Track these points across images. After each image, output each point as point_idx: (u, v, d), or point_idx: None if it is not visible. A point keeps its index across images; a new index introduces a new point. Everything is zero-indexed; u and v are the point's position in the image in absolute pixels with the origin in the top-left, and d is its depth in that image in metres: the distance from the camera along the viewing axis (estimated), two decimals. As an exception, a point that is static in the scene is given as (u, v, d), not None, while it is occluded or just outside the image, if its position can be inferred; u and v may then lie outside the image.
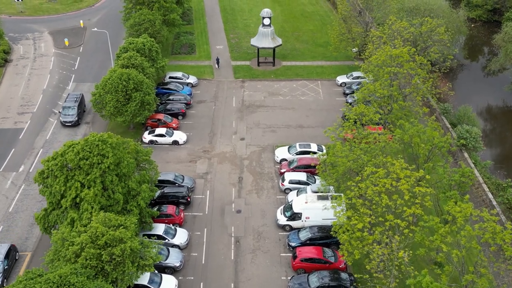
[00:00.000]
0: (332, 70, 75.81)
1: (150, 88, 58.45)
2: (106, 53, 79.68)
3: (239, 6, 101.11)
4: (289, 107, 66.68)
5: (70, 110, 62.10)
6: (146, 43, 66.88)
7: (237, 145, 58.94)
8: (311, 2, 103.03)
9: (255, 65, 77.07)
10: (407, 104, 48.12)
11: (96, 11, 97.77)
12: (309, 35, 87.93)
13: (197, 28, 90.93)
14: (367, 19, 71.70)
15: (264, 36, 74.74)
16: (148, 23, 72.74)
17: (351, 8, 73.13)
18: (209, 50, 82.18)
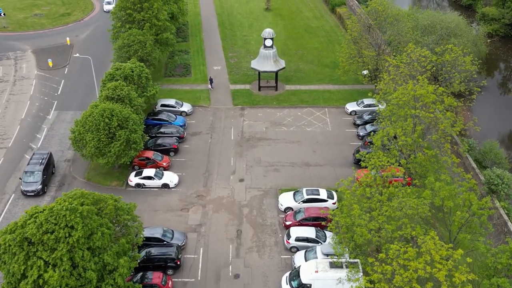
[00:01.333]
0: (341, 95, 69.01)
1: (137, 124, 51.65)
2: (95, 74, 72.95)
3: (239, 20, 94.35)
4: (294, 140, 59.87)
5: (33, 176, 50.53)
6: (135, 68, 60.18)
7: (236, 188, 52.10)
8: (316, 16, 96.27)
9: (256, 90, 70.30)
10: (434, 153, 41.44)
11: (84, 26, 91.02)
12: (314, 54, 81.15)
13: (193, 45, 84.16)
14: (379, 41, 64.92)
15: (266, 59, 67.97)
16: (138, 44, 65.92)
17: (361, 28, 66.19)
18: (206, 72, 75.33)
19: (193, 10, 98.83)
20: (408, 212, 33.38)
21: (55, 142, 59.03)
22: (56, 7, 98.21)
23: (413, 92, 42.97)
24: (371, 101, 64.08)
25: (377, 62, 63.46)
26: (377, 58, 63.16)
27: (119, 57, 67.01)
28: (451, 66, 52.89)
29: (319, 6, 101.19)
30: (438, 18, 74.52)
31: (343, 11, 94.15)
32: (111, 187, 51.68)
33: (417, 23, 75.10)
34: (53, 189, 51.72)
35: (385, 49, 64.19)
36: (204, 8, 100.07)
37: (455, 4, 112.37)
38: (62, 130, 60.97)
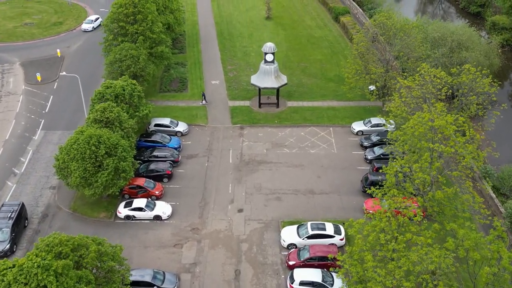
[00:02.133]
0: (346, 112, 64.87)
1: (127, 151, 47.55)
2: (86, 90, 68.90)
3: (238, 30, 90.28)
4: (297, 163, 55.77)
5: (0, 234, 43.89)
6: (127, 87, 56.13)
7: (234, 219, 47.99)
8: (319, 26, 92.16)
9: (256, 106, 66.20)
10: (454, 190, 37.35)
11: (76, 36, 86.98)
12: (317, 67, 77.06)
13: (190, 57, 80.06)
14: (388, 56, 60.73)
15: (267, 75, 63.88)
16: (130, 59, 61.88)
17: (368, 43, 61.92)
18: (203, 87, 71.21)
19: (190, 19, 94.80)
20: (430, 268, 29.35)
21: (40, 166, 54.92)
22: (48, 16, 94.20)
23: (431, 123, 38.88)
24: (378, 121, 60.04)
25: (385, 79, 59.34)
26: (386, 75, 59.04)
27: (111, 72, 63.00)
28: (468, 88, 48.73)
29: (322, 14, 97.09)
30: (448, 30, 70.49)
31: (347, 20, 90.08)
32: (98, 219, 47.58)
33: (426, 35, 71.09)
34: (36, 221, 47.62)
35: (394, 65, 60.02)
36: (202, 17, 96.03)
37: (463, 12, 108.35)
38: (49, 152, 56.88)
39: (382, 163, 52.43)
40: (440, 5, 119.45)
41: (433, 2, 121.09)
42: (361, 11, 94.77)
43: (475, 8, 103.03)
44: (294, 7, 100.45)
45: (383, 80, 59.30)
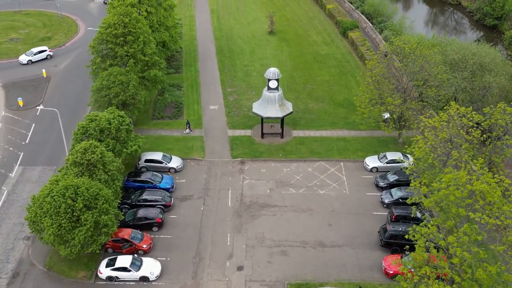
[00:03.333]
0: (358, 144, 58.55)
1: (110, 202, 41.31)
2: (71, 118, 62.91)
3: (239, 46, 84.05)
4: (304, 207, 49.49)
5: None
6: (113, 120, 50.00)
7: (233, 280, 41.65)
8: (325, 41, 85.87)
9: (258, 136, 59.97)
10: (498, 269, 31.05)
11: (65, 53, 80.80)
12: (325, 89, 70.78)
13: (187, 78, 73.83)
14: (405, 85, 54.24)
15: (270, 103, 57.66)
16: (119, 86, 55.74)
17: (385, 69, 55.30)
18: (201, 113, 65.00)
19: (188, 34, 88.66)
20: None
21: (14, 211, 48.64)
22: (36, 30, 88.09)
23: (470, 187, 32.65)
24: (395, 156, 53.79)
25: (402, 111, 52.99)
26: (403, 106, 52.68)
27: (97, 100, 56.87)
28: (503, 131, 42.43)
29: (328, 28, 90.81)
30: (469, 51, 64.09)
31: (356, 36, 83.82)
32: (76, 279, 41.32)
33: (445, 56, 64.78)
34: (4, 281, 41.38)
35: (412, 94, 53.73)
36: (201, 31, 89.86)
37: (478, 24, 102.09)
38: (25, 193, 50.70)
39: (401, 209, 46.27)
40: (452, 16, 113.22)
41: (444, 12, 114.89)
42: (371, 25, 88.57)
43: (491, 21, 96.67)
44: (299, 20, 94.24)
45: (400, 111, 52.97)
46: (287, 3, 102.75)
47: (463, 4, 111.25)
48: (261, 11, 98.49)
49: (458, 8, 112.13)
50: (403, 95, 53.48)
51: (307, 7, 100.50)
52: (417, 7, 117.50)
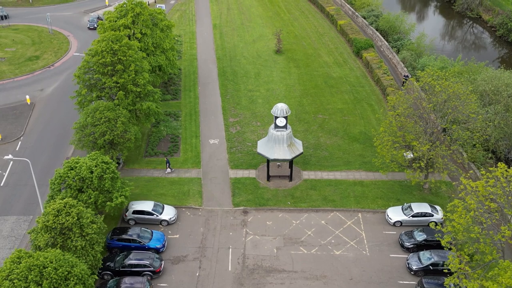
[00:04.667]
0: (377, 190, 51.25)
1: (85, 280, 34.30)
2: (55, 154, 56.21)
3: (243, 67, 76.98)
4: (318, 273, 42.25)
5: None
6: (95, 168, 43.09)
7: None
8: (337, 62, 78.67)
9: (264, 179, 52.89)
10: None
11: (54, 74, 74.04)
12: (338, 120, 63.60)
13: (185, 105, 66.83)
14: (434, 127, 46.71)
15: (277, 143, 50.58)
16: (106, 124, 48.90)
17: (410, 109, 47.56)
18: (199, 149, 58.03)
19: (188, 52, 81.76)
20: None
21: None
22: (24, 48, 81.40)
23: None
24: (422, 208, 46.58)
25: (430, 157, 45.63)
26: (432, 152, 45.32)
27: (81, 139, 49.99)
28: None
29: (340, 47, 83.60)
30: (503, 82, 56.82)
31: (371, 57, 76.59)
32: None
33: (475, 86, 57.50)
34: None
35: (442, 139, 46.36)
36: (202, 49, 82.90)
37: (501, 40, 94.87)
38: (-6, 252, 44.01)
39: (433, 282, 39.07)
40: (471, 30, 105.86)
41: (463, 26, 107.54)
42: (386, 44, 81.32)
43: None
44: (308, 37, 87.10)
45: (428, 157, 45.64)
46: (295, 17, 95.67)
47: (484, 17, 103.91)
48: (267, 26, 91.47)
49: (478, 21, 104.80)
50: (430, 138, 46.16)
51: (316, 22, 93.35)
52: (432, 19, 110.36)
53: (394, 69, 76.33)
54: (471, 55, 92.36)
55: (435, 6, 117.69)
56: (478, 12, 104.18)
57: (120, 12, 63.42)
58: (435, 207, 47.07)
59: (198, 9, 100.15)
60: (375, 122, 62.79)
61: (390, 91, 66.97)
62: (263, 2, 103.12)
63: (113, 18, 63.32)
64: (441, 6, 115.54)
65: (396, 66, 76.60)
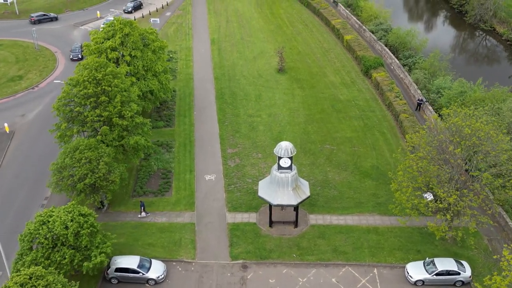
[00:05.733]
0: (394, 239, 45.20)
1: None
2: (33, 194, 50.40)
3: (243, 88, 71.08)
4: None
5: None
6: (72, 223, 37.23)
7: None
8: (345, 82, 72.78)
9: (266, 224, 46.94)
10: None
11: (38, 97, 68.19)
12: (347, 151, 57.69)
13: (179, 134, 60.88)
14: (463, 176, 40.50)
15: (281, 186, 44.67)
16: (86, 166, 43.12)
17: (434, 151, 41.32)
18: (193, 187, 52.11)
19: (184, 71, 75.90)
20: None
21: None
22: (6, 67, 75.51)
23: None
24: (447, 264, 40.65)
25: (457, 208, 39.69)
26: (460, 203, 39.39)
27: (58, 184, 44.16)
28: None
29: (347, 65, 77.70)
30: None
31: (381, 77, 70.69)
32: None
33: (501, 117, 51.56)
34: None
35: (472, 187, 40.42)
36: (198, 68, 77.01)
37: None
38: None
39: None
40: (484, 42, 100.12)
41: (474, 38, 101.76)
42: (397, 62, 75.42)
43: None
44: (312, 54, 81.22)
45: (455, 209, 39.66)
46: (298, 31, 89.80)
47: (498, 30, 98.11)
48: (269, 41, 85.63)
49: (492, 34, 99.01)
50: (457, 186, 40.18)
51: (321, 37, 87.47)
52: (442, 30, 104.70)
53: (406, 90, 70.46)
54: (484, 70, 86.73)
55: (445, 16, 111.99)
56: (491, 24, 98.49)
57: (108, 33, 57.70)
58: (462, 263, 41.18)
59: (195, 21, 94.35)
60: (388, 154, 56.95)
61: (404, 118, 61.11)
62: (264, 14, 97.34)
63: (100, 39, 57.61)
64: (451, 17, 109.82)
65: (408, 87, 70.73)
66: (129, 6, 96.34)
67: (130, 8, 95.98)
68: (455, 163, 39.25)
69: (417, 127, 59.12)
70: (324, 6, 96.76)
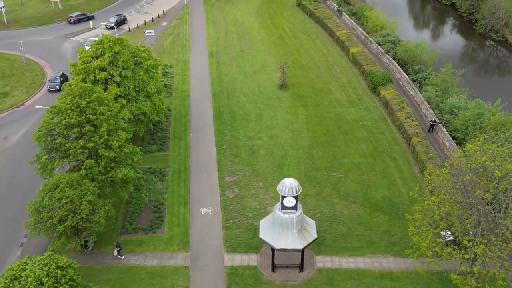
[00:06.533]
0: (410, 286, 40.43)
1: None
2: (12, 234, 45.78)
3: (242, 106, 66.51)
4: None
5: None
6: (47, 280, 32.66)
7: None
8: (351, 99, 68.21)
9: (268, 267, 42.35)
10: None
11: (23, 116, 63.62)
12: (356, 179, 53.10)
13: (174, 159, 56.35)
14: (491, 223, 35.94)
15: (285, 228, 40.01)
16: (66, 207, 38.55)
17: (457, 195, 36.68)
18: (188, 222, 47.46)
19: (180, 88, 71.33)
20: None
21: None
22: (-9, 83, 71.29)
23: None
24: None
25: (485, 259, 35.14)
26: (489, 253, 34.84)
27: (36, 226, 39.58)
28: None
29: (354, 81, 73.12)
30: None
31: (390, 95, 66.17)
32: None
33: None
34: None
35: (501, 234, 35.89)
36: (196, 83, 72.39)
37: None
38: None
39: None
40: (495, 53, 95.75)
41: (485, 48, 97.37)
42: (406, 77, 70.83)
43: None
44: (316, 68, 76.65)
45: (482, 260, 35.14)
46: (301, 42, 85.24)
47: (510, 40, 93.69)
48: (270, 54, 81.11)
49: (504, 45, 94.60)
50: (484, 233, 35.59)
51: (325, 49, 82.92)
52: (450, 39, 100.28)
53: (417, 109, 65.90)
54: (498, 83, 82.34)
55: (453, 24, 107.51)
56: (503, 34, 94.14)
57: (96, 51, 53.17)
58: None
59: (193, 32, 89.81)
60: (400, 183, 52.40)
61: (417, 142, 56.54)
62: (265, 24, 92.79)
63: (88, 58, 53.10)
64: (460, 26, 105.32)
65: (419, 106, 66.17)
66: (112, 21, 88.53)
67: (113, 23, 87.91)
68: (483, 209, 34.65)
69: (431, 153, 54.70)
70: (328, 15, 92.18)
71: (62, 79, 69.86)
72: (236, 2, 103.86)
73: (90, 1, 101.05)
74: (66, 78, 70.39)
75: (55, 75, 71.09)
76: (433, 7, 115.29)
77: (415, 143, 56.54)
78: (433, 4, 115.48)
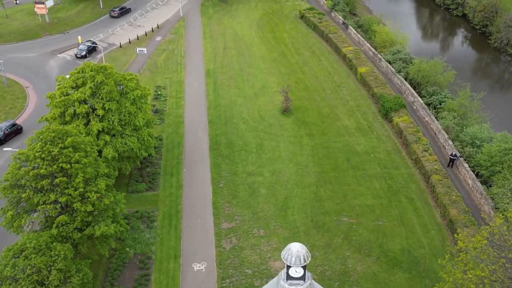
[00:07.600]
0: None
1: None
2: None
3: (242, 135, 60.37)
4: None
5: None
6: None
7: None
8: (361, 127, 62.07)
9: None
10: None
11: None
12: (369, 226, 46.96)
13: (164, 200, 50.19)
14: None
15: (291, 302, 34.12)
16: (32, 278, 32.45)
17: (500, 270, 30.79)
18: (178, 281, 41.05)
19: (174, 113, 65.19)
20: None
21: None
22: (-33, 108, 65.16)
23: None
24: None
25: None
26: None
27: (-4, 300, 33.59)
28: None
29: (363, 104, 67.00)
30: None
31: (404, 123, 60.07)
32: None
33: None
34: None
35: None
36: (190, 107, 66.25)
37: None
38: None
39: None
40: (510, 68, 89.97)
41: (499, 62, 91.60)
42: (421, 101, 64.77)
43: None
44: (321, 90, 70.51)
45: None
46: (304, 60, 79.12)
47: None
48: (272, 73, 75.00)
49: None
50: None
51: (331, 67, 76.82)
52: (462, 52, 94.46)
53: (433, 138, 59.89)
54: None
55: (465, 37, 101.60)
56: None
57: (77, 80, 47.10)
58: None
59: (188, 48, 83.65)
60: (420, 231, 46.37)
61: (437, 181, 50.48)
62: (266, 39, 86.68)
63: (67, 89, 47.04)
64: (472, 39, 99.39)
65: (436, 134, 60.16)
66: (82, 49, 78.67)
67: (84, 52, 78.20)
68: None
69: (454, 195, 48.66)
70: (333, 30, 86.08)
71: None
72: (235, 14, 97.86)
73: (79, 14, 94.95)
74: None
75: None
76: (442, 17, 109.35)
77: (435, 182, 50.48)
78: (442, 14, 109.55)
